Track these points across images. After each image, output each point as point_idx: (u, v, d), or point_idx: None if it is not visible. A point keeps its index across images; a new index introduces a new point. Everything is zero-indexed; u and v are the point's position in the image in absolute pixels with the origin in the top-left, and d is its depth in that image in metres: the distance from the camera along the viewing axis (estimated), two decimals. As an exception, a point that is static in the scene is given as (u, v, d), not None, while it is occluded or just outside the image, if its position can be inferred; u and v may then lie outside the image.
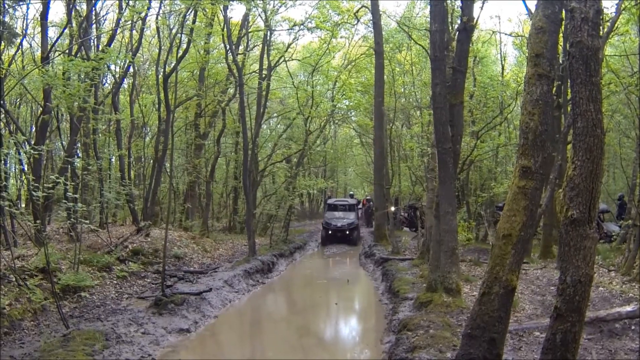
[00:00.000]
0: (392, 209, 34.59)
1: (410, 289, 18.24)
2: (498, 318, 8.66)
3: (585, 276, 6.95)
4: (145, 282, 20.86)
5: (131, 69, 32.98)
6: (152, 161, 34.43)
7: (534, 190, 8.71)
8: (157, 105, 32.28)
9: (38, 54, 24.52)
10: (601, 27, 11.36)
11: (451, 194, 16.57)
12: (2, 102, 21.32)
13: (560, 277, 7.17)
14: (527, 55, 9.99)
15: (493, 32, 33.27)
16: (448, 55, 17.53)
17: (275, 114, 46.93)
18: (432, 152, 20.49)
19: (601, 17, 7.42)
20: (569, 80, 8.28)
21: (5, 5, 21.79)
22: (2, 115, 23.36)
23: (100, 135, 30.20)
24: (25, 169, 23.24)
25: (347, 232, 39.79)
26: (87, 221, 20.50)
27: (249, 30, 36.61)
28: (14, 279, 15.73)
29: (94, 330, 13.79)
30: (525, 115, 8.89)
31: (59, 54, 25.79)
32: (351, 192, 53.23)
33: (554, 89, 18.51)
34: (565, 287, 7.03)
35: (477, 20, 19.84)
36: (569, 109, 19.26)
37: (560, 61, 19.39)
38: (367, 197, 47.25)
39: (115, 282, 20.05)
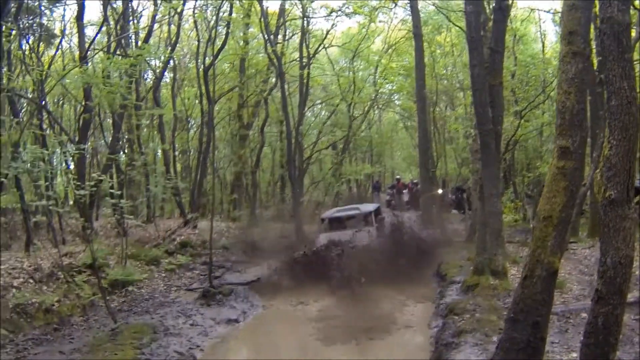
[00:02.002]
0: (440, 191, 34.36)
1: (457, 272, 18.11)
2: (541, 301, 8.51)
3: (625, 258, 6.79)
4: (194, 274, 21.04)
5: (171, 63, 33.11)
6: (196, 153, 34.60)
7: (573, 170, 8.53)
8: (199, 98, 32.40)
9: (77, 53, 24.72)
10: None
11: (495, 176, 16.40)
12: (44, 102, 21.60)
13: (601, 259, 7.01)
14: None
15: (531, 9, 32.74)
16: (485, 35, 17.31)
17: (318, 101, 46.79)
18: (475, 133, 20.27)
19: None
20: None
21: (42, 8, 22.05)
22: (45, 116, 23.64)
23: (144, 130, 30.43)
24: (71, 167, 23.50)
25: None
26: (132, 216, 20.67)
27: (287, 19, 36.54)
28: (62, 276, 15.95)
29: (142, 324, 13.99)
30: (562, 95, 8.70)
31: (98, 52, 25.98)
32: (397, 176, 51.97)
33: (596, 65, 18.16)
34: (606, 269, 6.86)
35: (512, -1, 19.54)
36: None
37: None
38: (414, 181, 45.35)
39: (163, 275, 20.27)
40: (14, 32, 20.14)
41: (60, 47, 28.74)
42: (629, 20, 6.96)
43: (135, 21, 29.07)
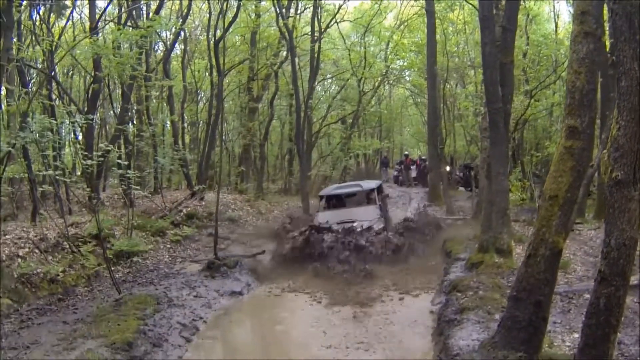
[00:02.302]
0: (447, 168, 34.30)
1: (462, 250, 18.11)
2: (544, 280, 8.55)
3: (630, 239, 6.76)
4: (199, 246, 21.07)
5: (182, 35, 33.01)
6: (205, 125, 34.60)
7: (581, 150, 8.52)
8: (209, 70, 32.35)
9: (88, 24, 24.66)
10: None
11: (502, 155, 16.35)
12: (53, 73, 21.58)
13: (605, 240, 6.98)
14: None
15: (545, -12, 32.56)
16: (498, 14, 17.16)
17: (329, 75, 46.66)
18: (484, 111, 20.19)
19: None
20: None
21: (54, -21, 22.01)
22: (54, 86, 23.64)
23: (153, 101, 30.41)
24: (79, 137, 23.52)
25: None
26: (139, 187, 20.69)
27: (299, -8, 36.39)
28: (67, 246, 16.02)
29: (146, 295, 14.00)
30: (572, 74, 8.68)
31: (108, 23, 25.92)
32: (406, 152, 51.67)
33: (608, 46, 18.04)
34: (610, 250, 6.84)
35: (526, -23, 19.38)
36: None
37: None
38: (422, 157, 45.06)
39: (168, 246, 20.32)
40: (24, 3, 20.12)
41: (70, 17, 28.70)
42: (640, 1, 6.89)
43: (147, -8, 28.92)
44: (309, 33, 35.98)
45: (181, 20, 29.32)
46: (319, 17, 35.84)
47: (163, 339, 11.64)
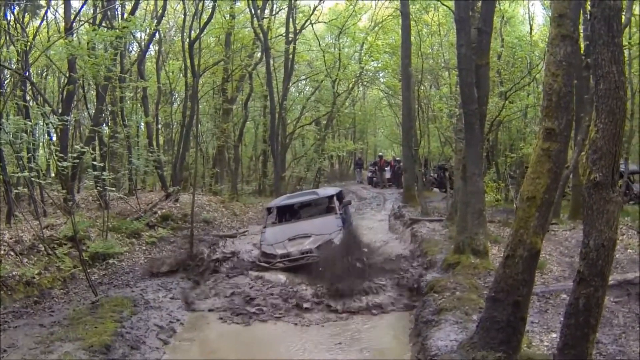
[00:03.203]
0: (421, 170, 34.43)
1: (438, 251, 18.11)
2: (522, 281, 8.63)
3: (608, 240, 6.85)
4: (175, 248, 20.95)
5: (157, 36, 32.93)
6: (179, 127, 34.55)
7: (558, 152, 8.61)
8: (183, 71, 32.31)
9: (63, 24, 24.53)
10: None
11: (478, 156, 16.43)
12: (28, 73, 21.44)
13: (584, 241, 7.08)
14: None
15: (521, -9, 32.83)
16: (473, 16, 17.26)
17: (303, 77, 46.81)
18: (459, 113, 20.29)
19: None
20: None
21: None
22: (29, 87, 23.49)
23: (127, 103, 30.29)
24: (53, 139, 23.39)
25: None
26: (114, 189, 20.62)
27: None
28: (43, 248, 15.92)
29: (123, 297, 14.03)
30: (549, 77, 8.77)
31: (83, 24, 25.79)
32: (380, 154, 51.58)
33: (583, 49, 18.19)
34: (588, 251, 6.93)
35: (501, -21, 19.50)
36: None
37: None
38: (397, 158, 45.10)
39: (144, 248, 20.23)
40: (-2, 2, 19.98)
41: (45, 18, 28.52)
42: (620, 5, 6.98)
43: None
44: (284, 34, 36.07)
45: (156, 21, 29.23)
46: (294, 18, 35.94)
47: (140, 342, 11.65)
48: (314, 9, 37.16)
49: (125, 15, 26.13)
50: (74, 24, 23.31)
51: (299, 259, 17.41)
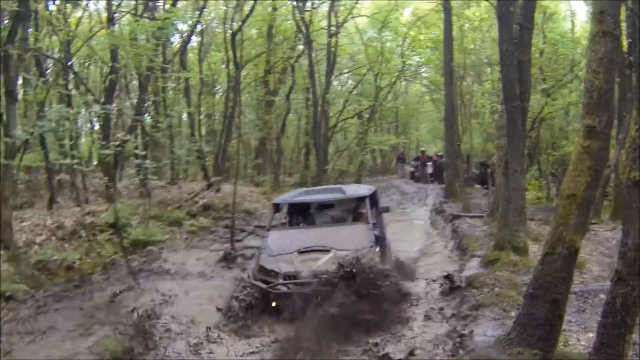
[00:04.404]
0: (464, 165, 34.23)
1: (478, 247, 17.99)
2: (561, 279, 8.52)
3: (647, 239, 6.76)
4: (215, 237, 21.05)
5: (198, 28, 33.09)
6: (222, 118, 34.69)
7: (598, 150, 8.48)
8: (225, 63, 32.43)
9: (105, 15, 24.75)
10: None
11: (520, 152, 16.28)
12: (70, 63, 21.67)
13: (622, 240, 7.01)
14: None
15: (562, -13, 32.49)
16: (515, 11, 17.10)
17: (345, 70, 46.68)
18: (501, 109, 20.15)
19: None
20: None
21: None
22: (71, 77, 23.75)
23: (170, 93, 30.50)
24: (96, 128, 23.65)
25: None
26: (156, 177, 20.77)
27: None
28: (84, 234, 16.12)
29: (163, 283, 14.02)
30: (590, 74, 8.64)
31: (125, 15, 25.98)
32: (422, 149, 51.34)
33: (626, 46, 17.94)
34: (627, 250, 6.84)
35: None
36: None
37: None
38: (439, 154, 44.70)
39: (185, 236, 20.36)
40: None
41: (87, 8, 28.81)
42: (662, 2, 6.88)
43: (164, -16, 28.96)
44: (326, 27, 36.03)
45: (198, 12, 29.36)
46: (335, 11, 35.88)
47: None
48: (356, 3, 37.08)
49: (167, 6, 26.28)
50: (116, 14, 23.53)
51: (310, 283, 11.80)
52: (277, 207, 15.92)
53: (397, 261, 15.59)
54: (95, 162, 27.98)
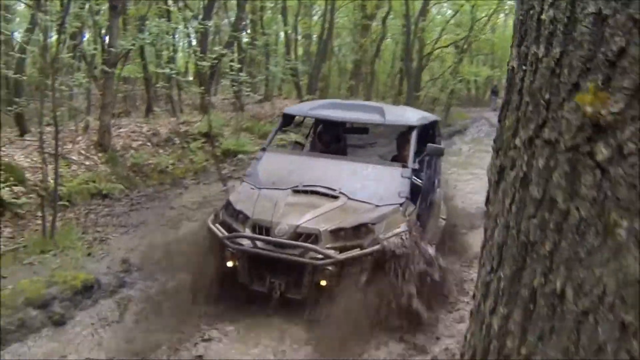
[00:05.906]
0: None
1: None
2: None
3: None
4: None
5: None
6: (318, 39, 35.00)
7: None
8: (324, -16, 32.60)
9: None
10: None
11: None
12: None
13: None
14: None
15: None
16: None
17: (443, -1, 46.18)
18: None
19: None
20: None
21: None
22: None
23: (267, 12, 30.90)
24: (194, 43, 24.29)
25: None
26: (249, 89, 21.33)
27: None
28: (178, 142, 16.92)
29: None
30: None
31: None
32: (495, 83, 50.52)
33: None
34: None
35: None
36: None
37: None
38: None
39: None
40: None
41: None
42: None
43: None
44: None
45: None
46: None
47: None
48: None
49: None
50: None
51: (289, 246, 7.36)
52: (286, 118, 10.60)
53: (448, 225, 10.61)
54: (191, 77, 28.77)
